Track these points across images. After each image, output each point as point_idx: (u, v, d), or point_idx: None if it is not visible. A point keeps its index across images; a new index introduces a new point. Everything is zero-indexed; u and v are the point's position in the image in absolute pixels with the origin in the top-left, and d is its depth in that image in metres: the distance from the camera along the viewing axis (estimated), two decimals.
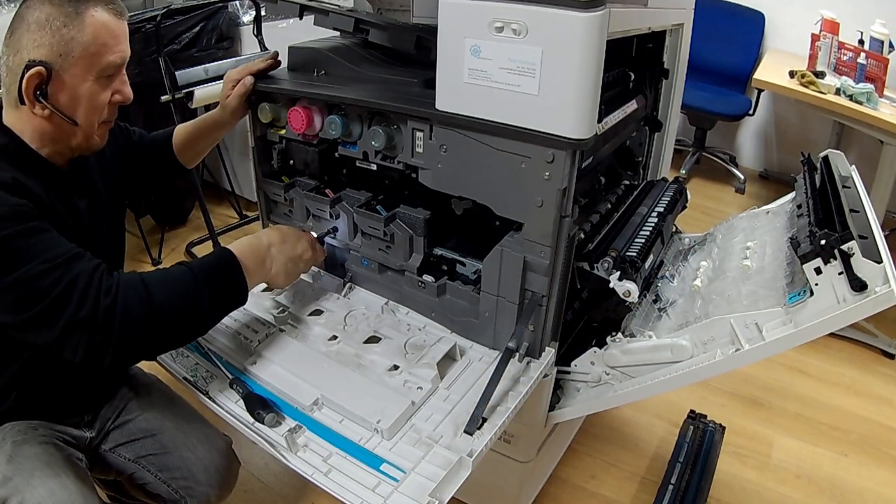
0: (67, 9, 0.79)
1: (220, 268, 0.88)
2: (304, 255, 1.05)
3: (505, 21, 0.82)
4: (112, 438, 1.06)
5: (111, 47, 0.83)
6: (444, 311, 1.12)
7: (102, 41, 0.82)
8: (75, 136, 0.87)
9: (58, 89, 0.82)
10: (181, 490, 1.05)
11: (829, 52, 2.46)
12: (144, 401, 1.10)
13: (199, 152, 1.20)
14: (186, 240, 2.50)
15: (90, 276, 0.76)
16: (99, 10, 0.81)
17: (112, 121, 0.92)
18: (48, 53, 0.79)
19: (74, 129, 0.86)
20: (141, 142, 1.13)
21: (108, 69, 0.85)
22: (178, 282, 0.83)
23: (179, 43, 2.18)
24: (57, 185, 0.88)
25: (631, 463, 1.61)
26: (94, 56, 0.82)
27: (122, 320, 0.76)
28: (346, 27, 1.13)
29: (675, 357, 0.99)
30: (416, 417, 0.93)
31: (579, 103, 0.82)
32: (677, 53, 1.38)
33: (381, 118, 1.04)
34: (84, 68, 0.82)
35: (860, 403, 1.88)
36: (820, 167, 1.16)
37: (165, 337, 0.83)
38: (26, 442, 0.89)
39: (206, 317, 0.87)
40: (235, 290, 0.89)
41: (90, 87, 0.84)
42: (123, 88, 0.89)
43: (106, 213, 1.00)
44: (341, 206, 1.17)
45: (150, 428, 1.06)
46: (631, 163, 1.50)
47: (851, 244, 0.79)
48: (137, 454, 1.05)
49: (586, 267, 1.05)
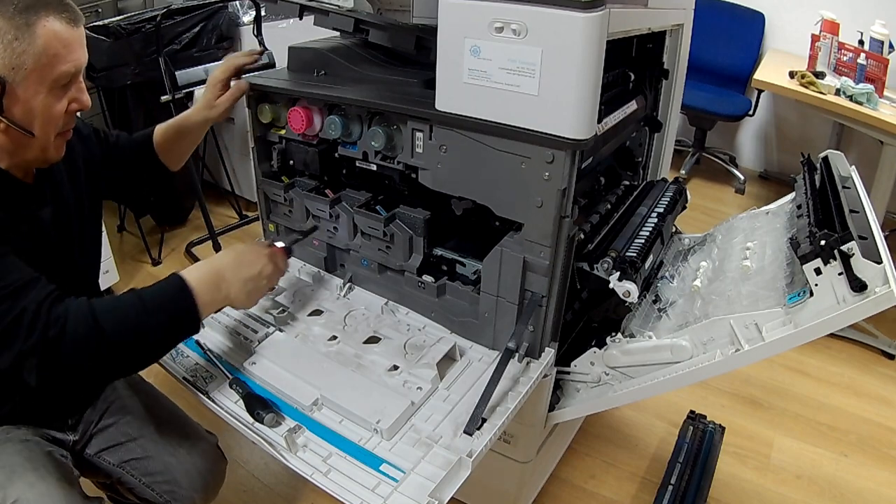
0: (18, 21, 0.77)
1: (171, 295, 0.86)
2: (264, 271, 0.98)
3: (505, 21, 0.82)
4: (95, 443, 1.06)
5: (64, 57, 0.81)
6: (443, 311, 1.12)
7: (54, 52, 0.80)
8: (31, 148, 0.85)
9: (12, 103, 0.80)
10: (165, 494, 1.05)
11: (829, 53, 2.46)
12: (126, 404, 1.10)
13: (182, 153, 1.18)
14: (186, 240, 2.50)
15: (38, 306, 0.76)
16: (51, 20, 0.79)
17: (70, 131, 0.90)
18: (1, 67, 0.77)
19: (31, 142, 0.84)
20: (119, 143, 1.11)
21: (62, 79, 0.83)
22: (127, 310, 0.82)
23: (179, 43, 2.18)
24: (17, 200, 0.87)
25: (631, 463, 1.61)
26: (47, 67, 0.80)
27: (71, 348, 0.77)
28: (346, 27, 1.13)
29: (675, 357, 0.99)
30: (415, 418, 0.93)
31: (579, 103, 0.82)
32: (677, 54, 1.38)
33: (381, 118, 1.04)
34: (37, 80, 0.80)
35: (860, 404, 1.88)
36: (820, 167, 1.16)
37: (115, 364, 0.82)
38: (8, 441, 0.91)
39: (155, 345, 0.86)
40: (186, 319, 0.87)
41: (45, 99, 0.82)
42: (80, 96, 0.87)
43: (75, 222, 0.99)
44: (341, 207, 1.17)
45: (132, 432, 1.06)
46: (631, 163, 1.50)
47: (851, 245, 0.79)
48: (121, 459, 1.05)
49: (586, 267, 1.05)
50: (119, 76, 2.10)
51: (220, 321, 1.11)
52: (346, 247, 1.21)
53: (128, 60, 2.08)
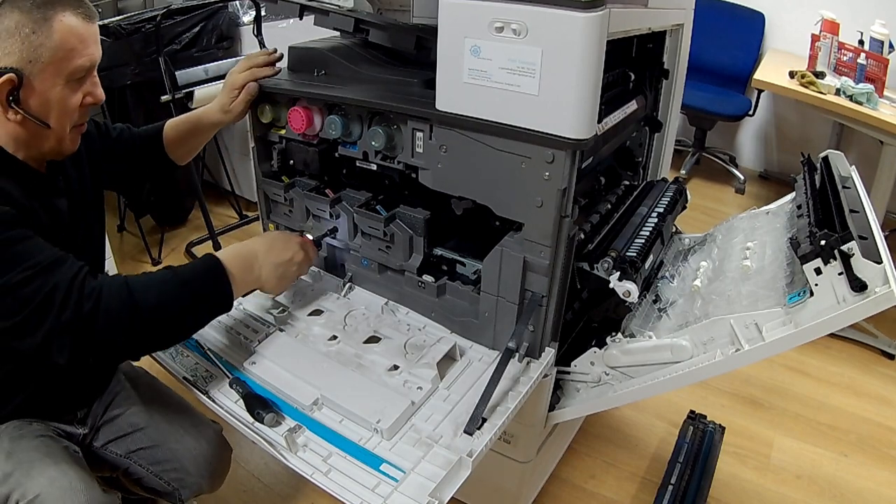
0: (36, 15, 0.80)
1: (205, 273, 0.89)
2: (295, 258, 1.04)
3: (505, 21, 0.82)
4: (102, 435, 1.07)
5: (79, 51, 0.84)
6: (443, 311, 1.12)
7: (70, 46, 0.83)
8: (48, 139, 0.88)
9: (29, 94, 0.83)
10: (173, 482, 1.07)
11: (829, 53, 2.46)
12: (131, 394, 1.11)
13: (191, 149, 1.20)
14: (186, 240, 2.50)
15: (71, 282, 0.77)
16: (67, 15, 0.82)
17: (84, 124, 0.93)
18: (18, 60, 0.80)
19: (47, 133, 0.87)
20: (122, 137, 1.12)
21: (78, 73, 0.85)
22: (162, 285, 0.84)
23: (179, 43, 2.18)
24: (36, 189, 0.89)
25: (631, 463, 1.61)
26: (63, 61, 0.83)
27: (105, 323, 0.78)
28: (346, 27, 1.13)
29: (675, 357, 0.99)
30: (415, 417, 0.93)
31: (579, 103, 0.82)
32: (677, 54, 1.38)
33: (381, 118, 1.04)
34: (53, 73, 0.83)
35: (860, 404, 1.88)
36: (820, 167, 1.16)
37: (148, 339, 0.84)
38: (23, 437, 0.91)
39: (189, 321, 0.88)
40: (220, 296, 0.90)
41: (60, 91, 0.85)
42: (95, 90, 0.90)
43: (88, 213, 1.01)
44: (341, 206, 1.17)
45: (138, 422, 1.07)
46: (631, 163, 1.50)
47: (851, 244, 0.79)
48: (128, 449, 1.06)
49: (586, 267, 1.05)
50: (119, 76, 2.10)
51: (221, 321, 1.11)
52: (346, 246, 1.21)
53: (128, 60, 2.08)
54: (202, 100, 2.05)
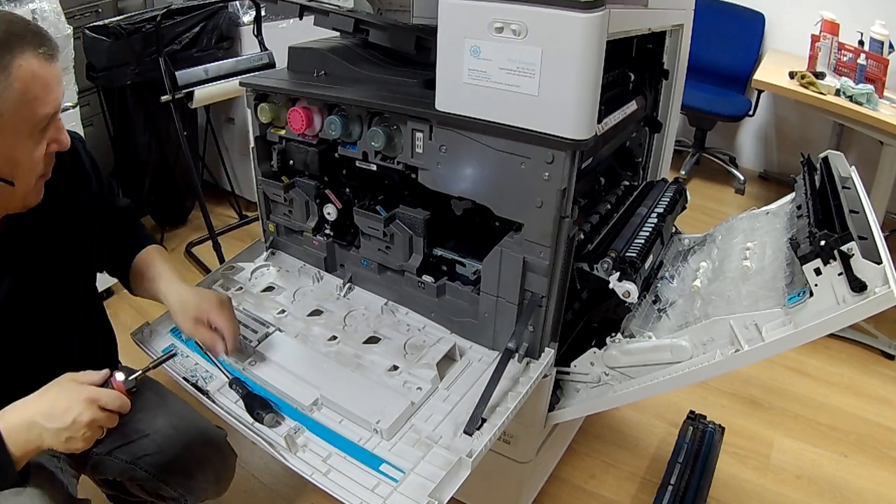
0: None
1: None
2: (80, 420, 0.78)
3: (504, 21, 0.82)
4: (108, 441, 1.05)
5: (43, 99, 0.76)
6: (443, 311, 1.12)
7: (33, 95, 0.74)
8: (13, 198, 0.81)
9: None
10: (180, 488, 1.05)
11: (829, 53, 2.46)
12: (136, 402, 1.08)
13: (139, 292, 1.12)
14: (186, 240, 2.50)
15: None
16: (27, 58, 0.73)
17: (49, 172, 0.85)
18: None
19: (12, 191, 0.80)
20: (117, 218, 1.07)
21: (42, 122, 0.78)
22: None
23: (179, 43, 2.18)
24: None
25: (630, 463, 1.61)
26: (26, 112, 0.75)
27: None
28: (346, 27, 1.13)
29: (675, 358, 0.99)
30: (415, 418, 0.93)
31: (579, 104, 0.82)
32: (677, 54, 1.38)
33: (380, 118, 1.04)
34: (16, 128, 0.75)
35: (860, 404, 1.88)
36: (820, 168, 1.16)
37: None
38: None
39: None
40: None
41: (25, 146, 0.77)
42: (59, 136, 0.82)
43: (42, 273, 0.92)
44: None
45: (144, 428, 1.05)
46: (631, 163, 1.50)
47: (851, 245, 0.79)
48: (134, 455, 1.04)
49: (586, 267, 1.05)
50: (119, 76, 2.10)
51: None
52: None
53: (128, 60, 2.08)
54: (202, 100, 2.05)
